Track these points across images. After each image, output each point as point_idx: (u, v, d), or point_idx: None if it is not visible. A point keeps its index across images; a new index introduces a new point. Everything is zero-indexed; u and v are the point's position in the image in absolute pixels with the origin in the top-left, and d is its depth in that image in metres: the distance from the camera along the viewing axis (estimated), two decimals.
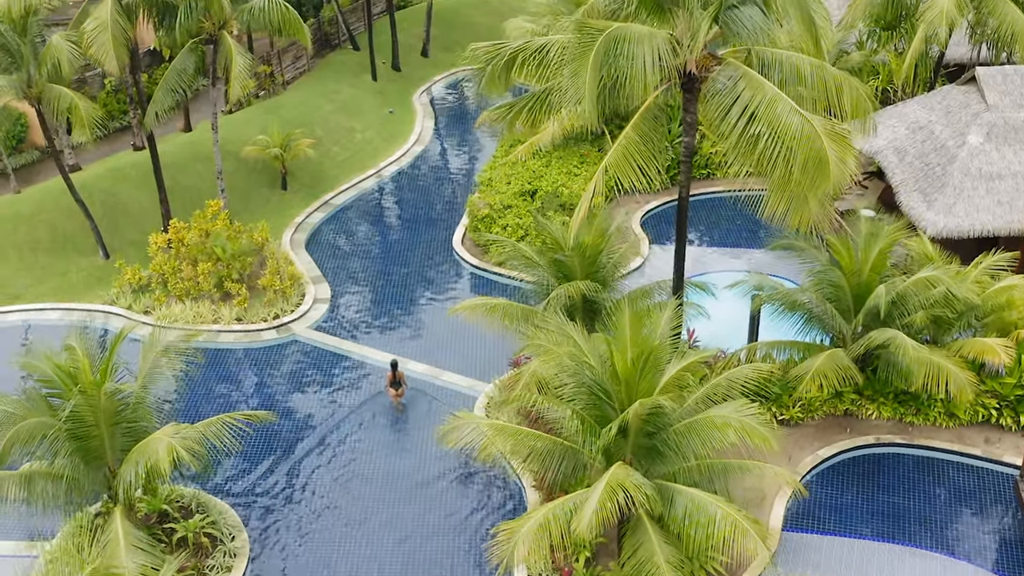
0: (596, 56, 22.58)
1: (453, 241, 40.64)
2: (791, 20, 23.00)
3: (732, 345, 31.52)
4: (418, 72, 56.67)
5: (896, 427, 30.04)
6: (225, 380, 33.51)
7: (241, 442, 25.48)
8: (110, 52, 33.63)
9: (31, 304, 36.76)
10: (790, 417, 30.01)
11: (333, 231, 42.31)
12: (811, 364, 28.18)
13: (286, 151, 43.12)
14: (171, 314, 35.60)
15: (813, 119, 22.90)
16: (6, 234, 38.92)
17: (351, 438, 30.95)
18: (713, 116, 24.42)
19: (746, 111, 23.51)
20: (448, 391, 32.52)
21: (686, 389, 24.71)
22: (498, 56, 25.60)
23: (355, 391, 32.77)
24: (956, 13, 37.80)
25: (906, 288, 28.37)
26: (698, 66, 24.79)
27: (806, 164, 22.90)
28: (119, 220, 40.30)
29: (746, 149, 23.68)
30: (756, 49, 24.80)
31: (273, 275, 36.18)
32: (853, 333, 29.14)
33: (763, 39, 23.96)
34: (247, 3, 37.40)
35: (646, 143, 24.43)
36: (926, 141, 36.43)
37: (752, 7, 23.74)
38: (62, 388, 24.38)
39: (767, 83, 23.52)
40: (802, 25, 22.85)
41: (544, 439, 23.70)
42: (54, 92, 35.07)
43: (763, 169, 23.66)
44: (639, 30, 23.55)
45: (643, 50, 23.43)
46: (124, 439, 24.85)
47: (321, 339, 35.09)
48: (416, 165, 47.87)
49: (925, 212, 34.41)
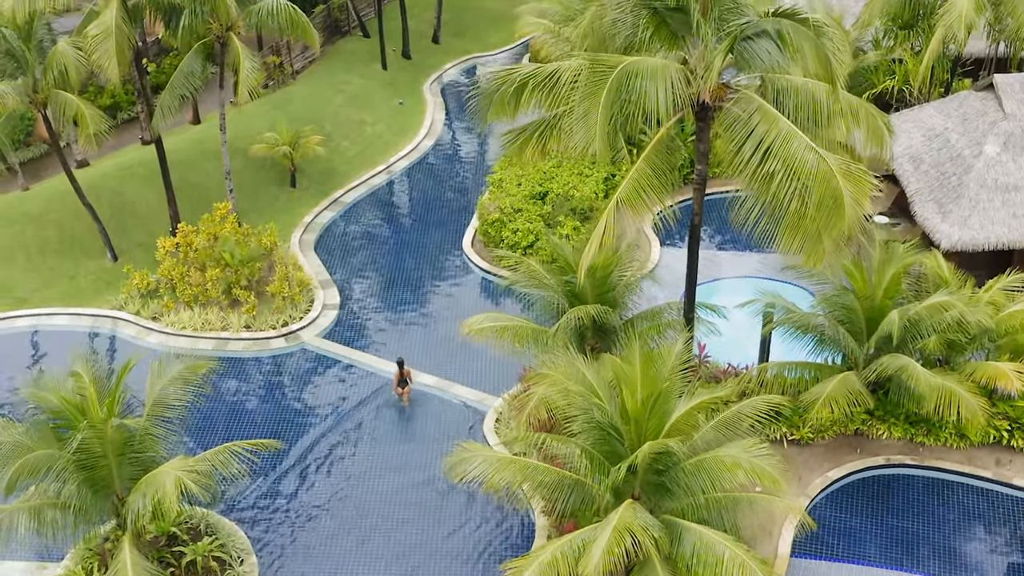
0: (608, 95, 22.22)
1: (463, 243, 40.38)
2: (806, 57, 22.50)
3: (742, 357, 31.33)
4: (429, 59, 56.04)
5: (907, 447, 29.89)
6: (234, 390, 33.44)
7: (249, 460, 25.49)
8: (112, 59, 33.29)
9: (39, 309, 36.67)
10: (801, 437, 29.85)
11: (342, 232, 42.04)
12: (823, 389, 28.06)
13: (295, 149, 42.77)
14: (179, 320, 35.54)
15: (828, 157, 22.52)
16: (14, 235, 38.75)
17: (359, 453, 30.92)
18: (727, 149, 24.02)
19: (760, 146, 23.14)
20: (457, 405, 32.42)
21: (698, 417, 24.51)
22: (507, 83, 25.13)
23: (363, 404, 32.70)
24: (974, 15, 37.17)
25: (919, 313, 28.09)
26: (712, 96, 24.39)
27: (821, 203, 22.57)
28: (127, 221, 40.09)
29: (761, 185, 23.31)
30: (770, 76, 24.41)
31: (282, 281, 36.01)
32: (865, 356, 28.90)
33: (778, 70, 23.51)
34: (254, 5, 36.94)
35: (658, 176, 24.10)
36: (942, 149, 35.95)
37: (768, 40, 23.28)
38: (70, 418, 24.33)
39: (782, 118, 23.13)
40: (817, 63, 22.37)
41: (552, 472, 23.59)
42: (60, 98, 34.82)
43: (777, 206, 23.30)
44: (651, 64, 23.16)
45: (656, 84, 23.08)
46: (132, 468, 24.83)
47: (330, 348, 34.98)
48: (426, 160, 47.51)
49: (939, 224, 34.02)
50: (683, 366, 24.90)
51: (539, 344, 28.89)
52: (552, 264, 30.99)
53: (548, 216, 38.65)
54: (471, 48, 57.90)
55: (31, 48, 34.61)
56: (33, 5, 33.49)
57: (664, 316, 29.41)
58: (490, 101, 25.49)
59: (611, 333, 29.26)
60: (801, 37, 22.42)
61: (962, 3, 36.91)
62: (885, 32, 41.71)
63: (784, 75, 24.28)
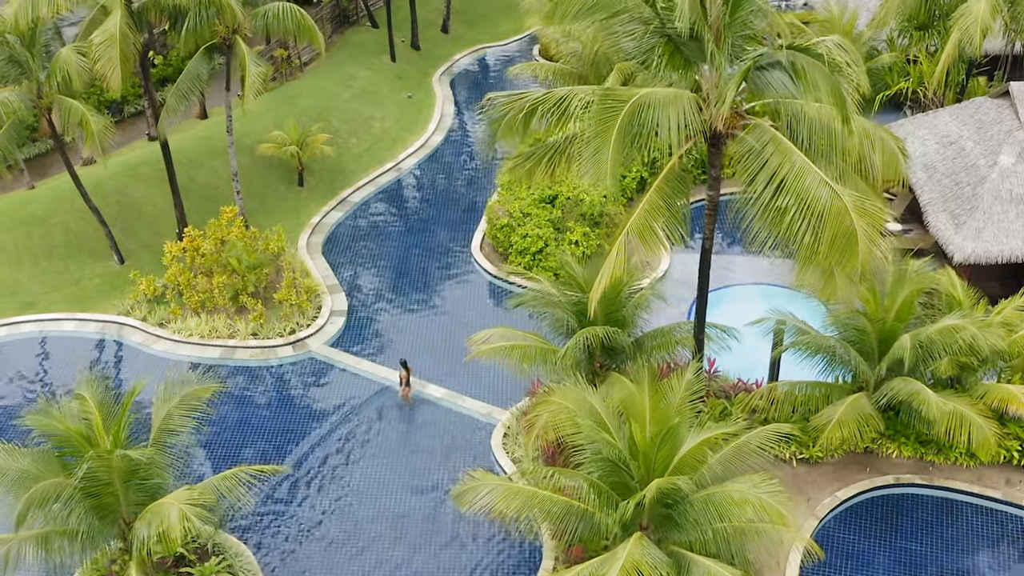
0: (619, 130, 21.87)
1: (472, 247, 40.10)
2: (821, 92, 22.10)
3: (752, 366, 31.07)
4: (438, 49, 55.51)
5: (916, 465, 29.75)
6: (241, 401, 33.30)
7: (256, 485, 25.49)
8: (116, 68, 32.88)
9: (45, 314, 36.49)
10: (810, 456, 29.69)
11: (350, 234, 41.73)
12: (834, 412, 27.97)
13: (303, 149, 42.41)
14: (186, 328, 35.39)
15: (843, 193, 22.17)
16: (21, 238, 38.55)
17: (366, 468, 30.79)
18: (739, 180, 23.68)
19: (773, 179, 22.78)
20: (465, 417, 32.29)
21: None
22: (515, 108, 24.75)
23: (370, 416, 32.56)
24: (990, 19, 36.68)
25: (931, 337, 27.82)
26: (725, 124, 24.04)
27: (834, 240, 22.23)
28: (133, 223, 39.87)
29: (774, 218, 22.99)
30: (785, 102, 24.04)
31: (289, 288, 35.82)
32: (877, 377, 28.68)
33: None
34: (260, 7, 36.54)
35: (670, 207, 23.81)
36: (956, 158, 35.53)
37: (781, 72, 22.88)
38: (76, 445, 24.26)
39: (796, 151, 22.76)
40: (832, 99, 21.97)
41: (560, 502, 23.49)
42: (65, 104, 34.52)
43: (790, 241, 23.00)
44: (664, 95, 22.78)
45: (668, 115, 22.71)
46: (138, 494, 24.75)
47: (337, 357, 34.81)
48: (435, 157, 47.09)
49: (953, 236, 33.68)
50: (693, 396, 24.75)
51: (548, 364, 28.71)
52: (561, 277, 30.67)
53: (557, 221, 38.33)
54: (481, 38, 57.29)
55: (35, 54, 34.26)
56: (36, 11, 33.10)
57: (674, 335, 29.16)
58: (498, 127, 25.11)
59: (620, 351, 29.04)
60: (816, 72, 22.02)
61: (978, 8, 36.44)
62: (900, 32, 41.17)
63: (798, 101, 23.91)
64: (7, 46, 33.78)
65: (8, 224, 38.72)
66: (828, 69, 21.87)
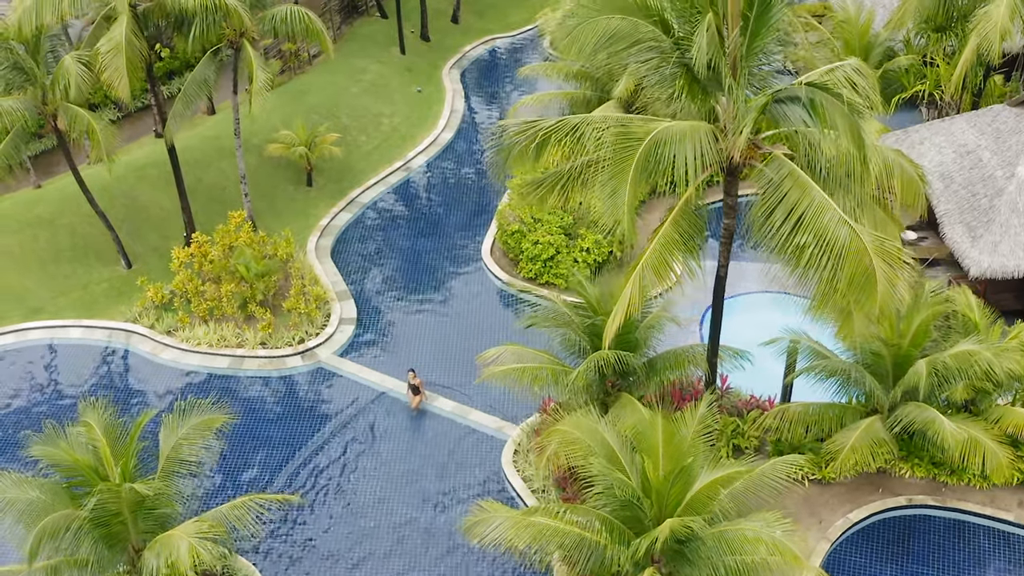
0: (636, 168, 21.48)
1: (482, 251, 39.70)
2: (839, 131, 21.67)
3: (764, 382, 30.76)
4: (448, 40, 54.76)
5: (929, 486, 29.56)
6: (250, 413, 33.10)
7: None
8: (123, 77, 32.45)
9: (53, 320, 36.27)
10: (823, 476, 29.50)
11: (359, 237, 41.31)
12: (848, 437, 27.82)
13: (312, 150, 41.97)
14: (194, 336, 35.18)
15: (863, 232, 21.78)
16: (27, 241, 38.24)
17: (375, 487, 30.70)
18: (756, 214, 23.29)
19: (791, 215, 22.39)
20: (475, 432, 32.11)
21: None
22: (526, 138, 24.32)
23: (379, 431, 32.42)
24: (1009, 23, 36.03)
25: (946, 363, 27.54)
26: (742, 155, 23.63)
27: (852, 280, 21.86)
28: (140, 226, 39.53)
29: (791, 255, 22.63)
30: (803, 131, 23.60)
31: (298, 297, 35.54)
32: (891, 401, 28.42)
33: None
34: (267, 11, 36.04)
35: (686, 242, 23.45)
36: (973, 169, 35.03)
37: (799, 107, 22.43)
38: (84, 476, 24.15)
39: (814, 186, 22.35)
40: (851, 139, 21.55)
41: (572, 534, 23.30)
42: (70, 112, 34.18)
43: (808, 278, 22.67)
44: (680, 129, 22.36)
45: (685, 149, 22.32)
46: (147, 522, 24.69)
47: (346, 367, 34.59)
48: (445, 156, 46.50)
49: (969, 249, 33.26)
50: (706, 431, 24.50)
51: (559, 386, 28.46)
52: (570, 284, 30.34)
53: (569, 227, 37.95)
54: (492, 28, 56.48)
55: (39, 61, 33.85)
56: (40, 18, 32.62)
57: (687, 358, 28.88)
58: (508, 155, 24.71)
59: (632, 372, 28.77)
60: (835, 112, 21.60)
61: (997, 12, 35.77)
62: (918, 33, 40.52)
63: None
64: (11, 53, 33.33)
65: (14, 227, 38.38)
66: (847, 108, 21.40)
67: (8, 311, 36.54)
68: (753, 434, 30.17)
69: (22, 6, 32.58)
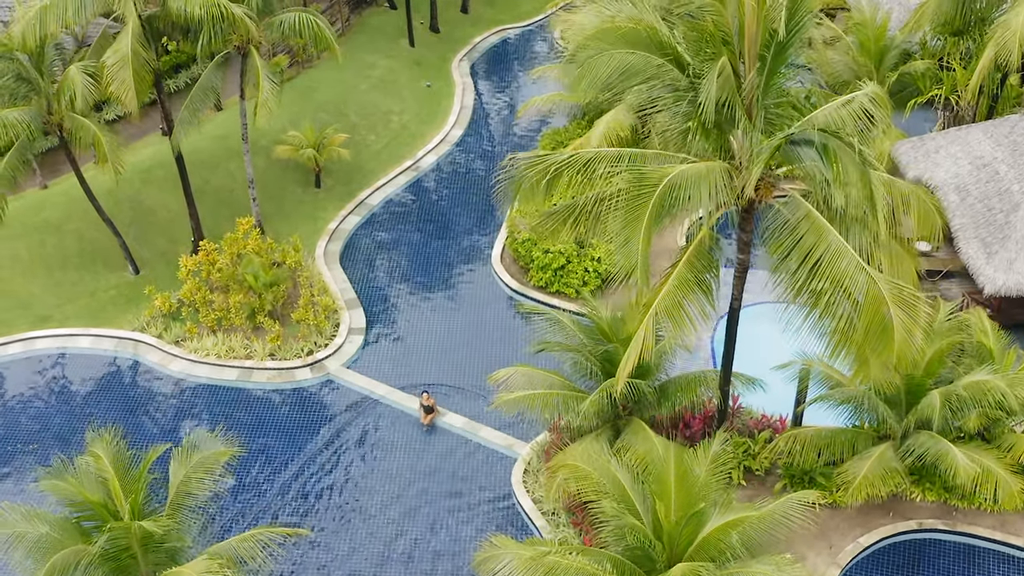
0: (651, 216, 21.17)
1: (492, 257, 39.35)
2: (850, 180, 21.29)
3: (775, 400, 30.51)
4: (458, 31, 54.09)
5: (940, 509, 29.42)
6: (259, 427, 33.05)
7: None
8: (131, 90, 32.07)
9: (61, 329, 36.13)
10: (834, 500, 29.38)
11: (367, 242, 40.98)
12: (860, 467, 27.73)
13: (320, 152, 41.56)
14: (203, 347, 35.02)
15: (880, 280, 21.45)
16: (34, 246, 38.04)
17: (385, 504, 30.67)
18: (772, 255, 22.96)
19: (808, 260, 22.07)
20: (485, 450, 32.00)
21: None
22: (537, 172, 23.93)
23: (390, 448, 32.31)
24: None
25: (960, 395, 27.34)
26: (758, 194, 23.29)
27: (869, 328, 21.58)
28: (147, 230, 39.26)
29: (807, 300, 22.34)
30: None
31: (307, 308, 35.32)
32: (904, 429, 28.23)
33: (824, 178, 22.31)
34: (276, 17, 35.54)
35: (700, 283, 23.13)
36: (989, 182, 34.59)
37: (812, 150, 22.05)
38: (93, 509, 24.09)
39: (831, 231, 22.00)
40: (861, 188, 21.19)
41: (585, 572, 23.24)
42: (76, 122, 33.87)
43: (823, 324, 22.39)
44: (695, 172, 22.01)
45: (700, 191, 21.99)
46: (156, 555, 24.62)
47: (355, 380, 34.43)
48: (454, 155, 46.02)
49: (984, 266, 32.92)
50: (719, 469, 24.33)
51: (570, 411, 28.30)
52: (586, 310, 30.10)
53: (580, 236, 37.51)
54: (502, 18, 55.78)
55: (44, 71, 33.46)
56: (45, 29, 32.18)
57: (699, 385, 28.71)
58: (519, 188, 24.36)
59: (644, 397, 28.58)
60: (847, 160, 21.22)
61: (1016, 22, 35.19)
62: (935, 36, 39.90)
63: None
64: (15, 63, 32.91)
65: (21, 231, 38.14)
66: (860, 158, 21.05)
67: (15, 319, 36.43)
68: (765, 456, 30.01)
69: (25, 17, 32.15)
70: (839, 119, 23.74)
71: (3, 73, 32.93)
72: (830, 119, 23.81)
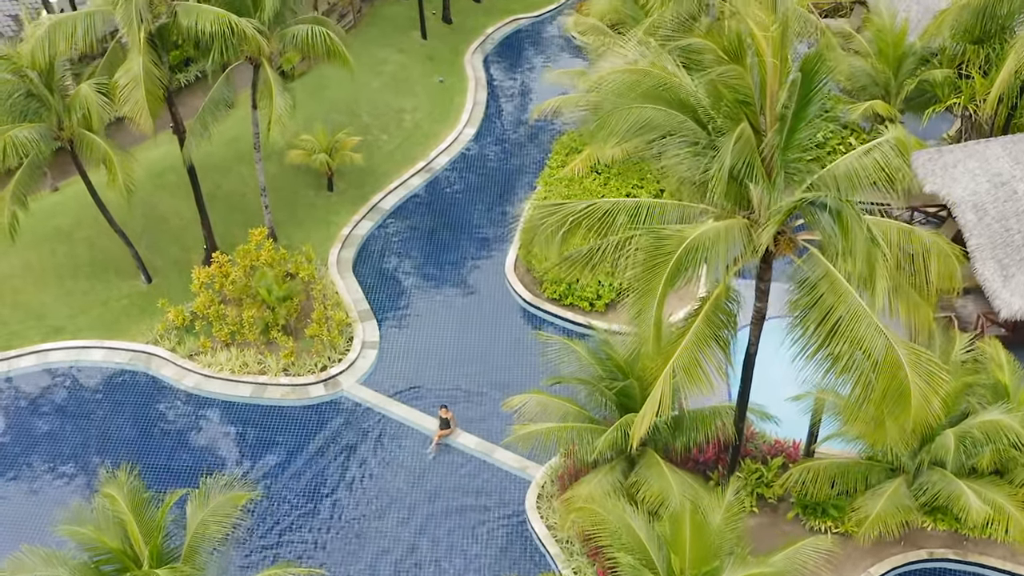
0: (666, 283, 21.05)
1: (505, 266, 39.13)
2: (856, 253, 21.13)
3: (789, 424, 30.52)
4: (471, 21, 53.36)
5: (951, 539, 29.57)
6: (273, 445, 33.20)
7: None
8: (144, 111, 31.80)
9: (74, 341, 36.17)
10: (845, 530, 29.52)
11: (380, 248, 40.78)
12: (874, 505, 27.86)
13: (332, 156, 41.26)
14: (216, 362, 35.06)
15: (898, 345, 21.34)
16: (46, 256, 37.98)
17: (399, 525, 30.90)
18: (791, 312, 22.83)
19: (826, 321, 21.90)
20: (499, 472, 32.10)
21: None
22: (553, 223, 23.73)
23: (405, 469, 32.44)
24: None
25: (974, 433, 27.38)
26: (776, 248, 23.12)
27: (886, 393, 21.50)
28: (160, 237, 39.13)
29: (825, 361, 22.25)
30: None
31: (320, 324, 35.28)
32: (917, 465, 28.29)
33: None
34: (287, 29, 35.13)
35: (718, 339, 23.03)
36: (1008, 201, 34.26)
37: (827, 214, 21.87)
38: (112, 553, 24.29)
39: (850, 291, 21.80)
40: (864, 267, 21.04)
41: None
42: (87, 139, 33.66)
43: (840, 385, 22.33)
44: (714, 232, 21.82)
45: (718, 251, 21.85)
46: None
47: (369, 397, 34.48)
48: (466, 156, 45.58)
49: (1000, 289, 32.68)
50: (734, 518, 24.42)
51: (584, 445, 28.35)
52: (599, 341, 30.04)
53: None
54: (514, 7, 54.96)
55: (53, 88, 33.19)
56: (54, 48, 31.87)
57: (714, 420, 28.71)
58: (533, 236, 24.19)
59: (658, 432, 28.60)
60: (858, 233, 21.03)
61: None
62: (955, 43, 39.32)
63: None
64: (25, 80, 32.62)
65: (32, 240, 37.95)
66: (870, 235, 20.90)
67: (27, 330, 36.50)
68: (779, 485, 30.11)
69: (35, 35, 31.80)
70: (860, 169, 23.72)
71: (13, 91, 32.65)
72: (851, 169, 23.79)
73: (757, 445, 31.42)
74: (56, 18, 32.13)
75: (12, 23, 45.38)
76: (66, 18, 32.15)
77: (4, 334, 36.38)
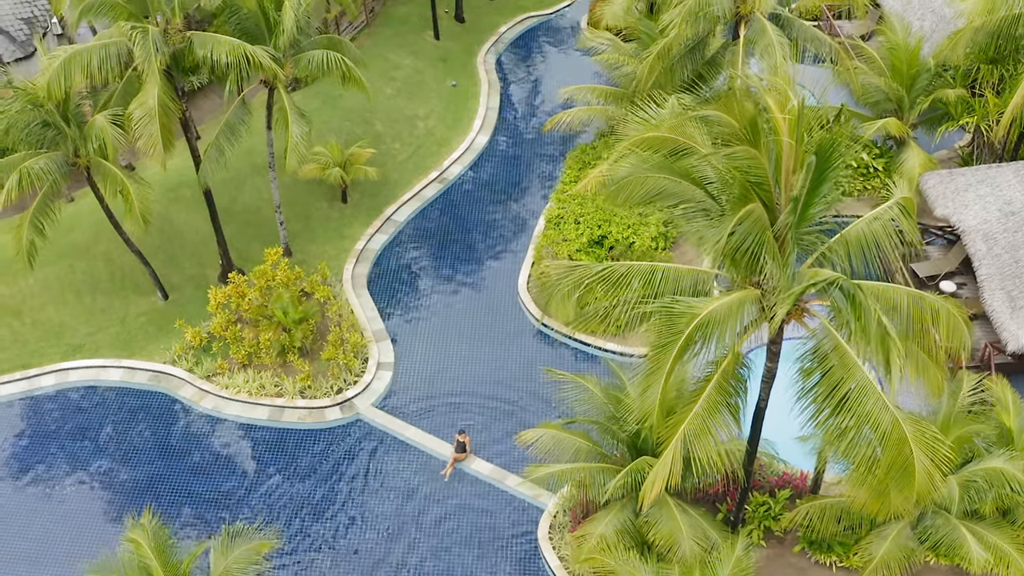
0: (675, 361, 21.46)
1: (519, 283, 39.39)
2: (869, 335, 21.46)
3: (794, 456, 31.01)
4: (484, 20, 53.13)
5: (952, 572, 30.10)
6: (290, 469, 33.78)
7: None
8: (159, 145, 31.99)
9: (92, 360, 36.70)
10: (850, 565, 30.12)
11: (394, 263, 41.04)
12: (878, 548, 28.34)
13: (346, 169, 41.45)
14: (234, 383, 35.58)
15: (905, 421, 21.78)
16: (64, 273, 38.39)
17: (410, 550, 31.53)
18: (799, 381, 23.22)
19: (834, 394, 22.32)
20: (512, 500, 32.66)
21: None
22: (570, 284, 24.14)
23: (418, 494, 33.00)
24: None
25: (978, 482, 27.87)
26: (788, 317, 23.48)
27: (891, 467, 21.97)
28: (176, 252, 39.50)
29: (831, 435, 22.70)
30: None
31: (336, 346, 35.73)
32: (921, 510, 28.82)
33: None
34: (305, 54, 35.18)
35: (728, 407, 23.46)
36: (1018, 231, 34.49)
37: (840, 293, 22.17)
38: None
39: (860, 367, 22.20)
40: (878, 349, 21.40)
41: None
42: (103, 168, 33.93)
43: (846, 457, 22.80)
44: (727, 307, 22.19)
45: (729, 326, 22.24)
46: None
47: (385, 421, 34.99)
48: (480, 164, 45.65)
49: (1007, 321, 33.06)
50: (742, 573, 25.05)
51: (597, 486, 28.88)
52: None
53: None
54: (528, 5, 54.69)
55: (69, 117, 33.41)
56: (70, 80, 32.00)
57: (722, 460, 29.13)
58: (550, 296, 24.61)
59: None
60: (870, 317, 21.34)
61: None
62: (969, 62, 39.26)
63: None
64: (41, 110, 32.85)
65: (50, 257, 38.33)
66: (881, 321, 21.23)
67: (47, 348, 37.02)
68: (786, 520, 30.65)
69: (51, 67, 31.91)
70: (871, 234, 24.04)
71: (30, 121, 32.89)
72: (862, 235, 24.09)
73: (765, 476, 31.94)
74: (72, 49, 32.19)
75: (24, 26, 45.46)
76: (82, 49, 32.21)
77: (25, 352, 36.94)
